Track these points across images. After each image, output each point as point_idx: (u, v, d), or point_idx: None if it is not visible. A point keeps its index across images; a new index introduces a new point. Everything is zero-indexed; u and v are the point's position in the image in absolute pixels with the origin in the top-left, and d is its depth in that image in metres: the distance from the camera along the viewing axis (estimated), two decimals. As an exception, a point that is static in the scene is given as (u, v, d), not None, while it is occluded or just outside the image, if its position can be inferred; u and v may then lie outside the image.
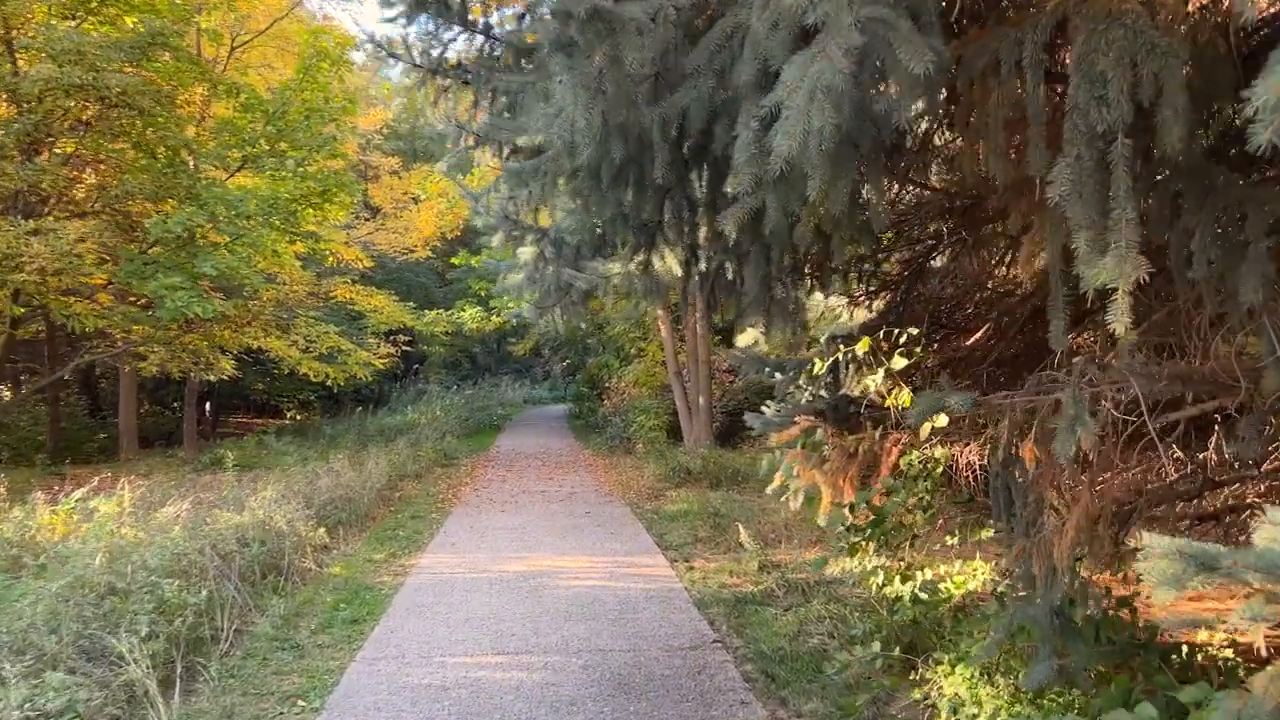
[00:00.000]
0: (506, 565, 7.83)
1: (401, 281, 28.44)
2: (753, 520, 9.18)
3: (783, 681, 4.83)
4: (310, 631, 6.06)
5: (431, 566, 7.87)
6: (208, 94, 14.81)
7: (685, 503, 11.01)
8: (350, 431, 21.32)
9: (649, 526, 9.74)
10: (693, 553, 8.33)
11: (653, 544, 8.77)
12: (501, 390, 38.61)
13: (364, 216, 27.36)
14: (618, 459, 17.39)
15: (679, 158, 2.63)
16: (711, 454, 13.32)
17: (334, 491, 10.04)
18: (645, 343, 20.86)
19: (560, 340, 32.49)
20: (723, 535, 8.81)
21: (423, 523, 10.26)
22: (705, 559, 8.05)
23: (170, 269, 11.68)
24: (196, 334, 13.45)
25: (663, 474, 13.21)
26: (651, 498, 11.95)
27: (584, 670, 5.12)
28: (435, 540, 9.12)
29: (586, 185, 2.89)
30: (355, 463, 12.72)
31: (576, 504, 11.58)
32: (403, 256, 27.15)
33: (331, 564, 7.98)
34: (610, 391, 22.53)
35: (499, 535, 9.32)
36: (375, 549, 8.70)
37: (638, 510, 10.94)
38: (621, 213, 3.11)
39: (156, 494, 9.73)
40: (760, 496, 11.35)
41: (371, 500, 10.70)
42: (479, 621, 6.12)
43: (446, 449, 17.75)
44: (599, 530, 9.58)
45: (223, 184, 12.88)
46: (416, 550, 8.65)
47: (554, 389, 44.69)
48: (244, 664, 5.38)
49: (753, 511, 10.06)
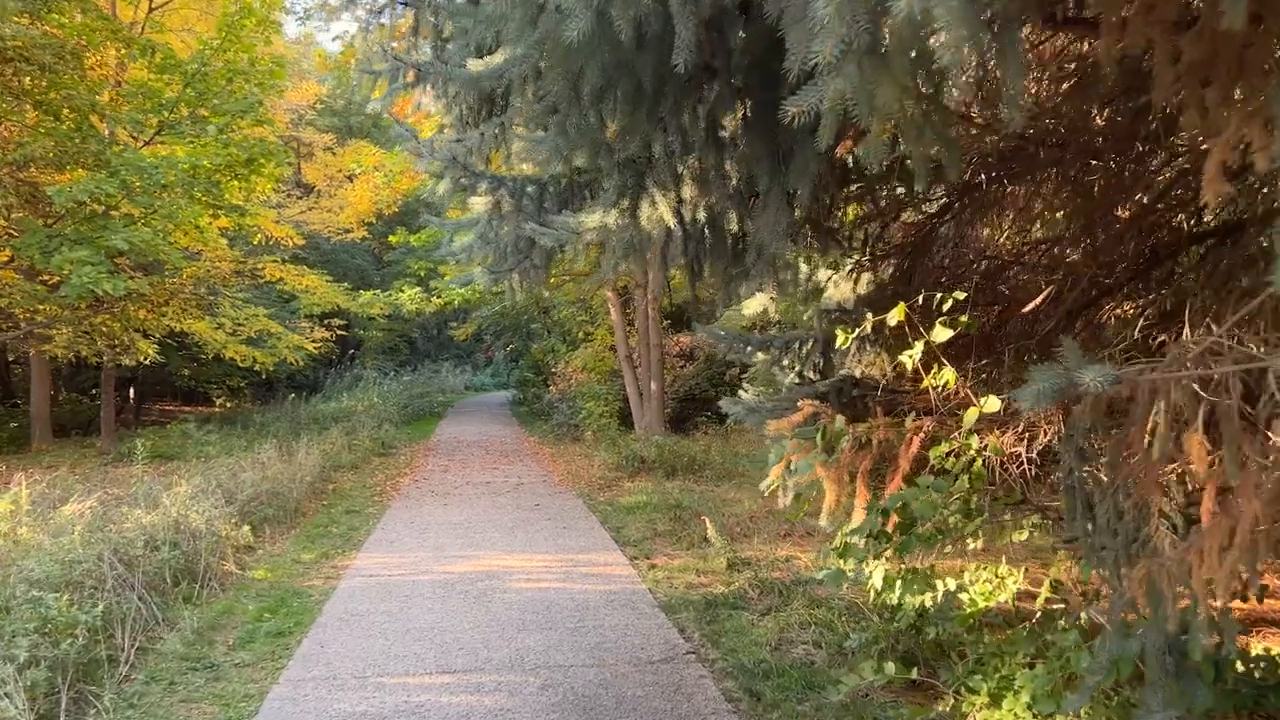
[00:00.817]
0: (451, 566, 7.14)
1: (337, 263, 27.22)
2: (716, 512, 8.63)
3: (770, 702, 4.26)
4: (228, 648, 5.31)
5: (368, 568, 7.14)
6: (121, 56, 13.66)
7: (642, 494, 10.41)
8: (282, 420, 20.27)
9: (604, 520, 9.12)
10: (653, 549, 7.73)
11: (610, 539, 8.15)
12: (442, 377, 37.61)
13: (296, 195, 26.12)
14: (565, 447, 16.74)
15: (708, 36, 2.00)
16: (666, 441, 12.73)
17: (260, 485, 9.21)
18: (593, 327, 20.20)
19: (503, 325, 31.64)
20: (684, 529, 8.23)
21: (358, 518, 9.49)
22: (667, 555, 7.46)
23: (77, 243, 10.63)
24: (108, 314, 12.36)
25: (615, 463, 12.59)
26: (604, 488, 11.33)
27: (543, 691, 4.49)
28: (372, 537, 8.37)
29: (563, 100, 2.25)
30: (285, 453, 11.86)
31: (525, 496, 10.91)
32: (338, 237, 25.97)
33: (255, 567, 7.20)
34: (556, 377, 21.82)
35: (442, 531, 8.61)
36: (305, 548, 7.92)
37: (591, 502, 10.31)
38: (605, 143, 2.48)
39: (60, 489, 8.81)
40: (719, 486, 10.85)
41: (302, 494, 9.88)
42: (421, 632, 5.45)
43: (384, 438, 16.88)
44: (550, 524, 8.93)
45: (136, 151, 11.81)
46: (351, 549, 7.90)
47: (496, 375, 43.78)
48: (146, 690, 4.62)
49: (714, 503, 9.52)
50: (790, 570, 6.64)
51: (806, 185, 2.40)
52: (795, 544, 7.68)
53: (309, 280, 17.05)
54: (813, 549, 7.34)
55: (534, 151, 2.64)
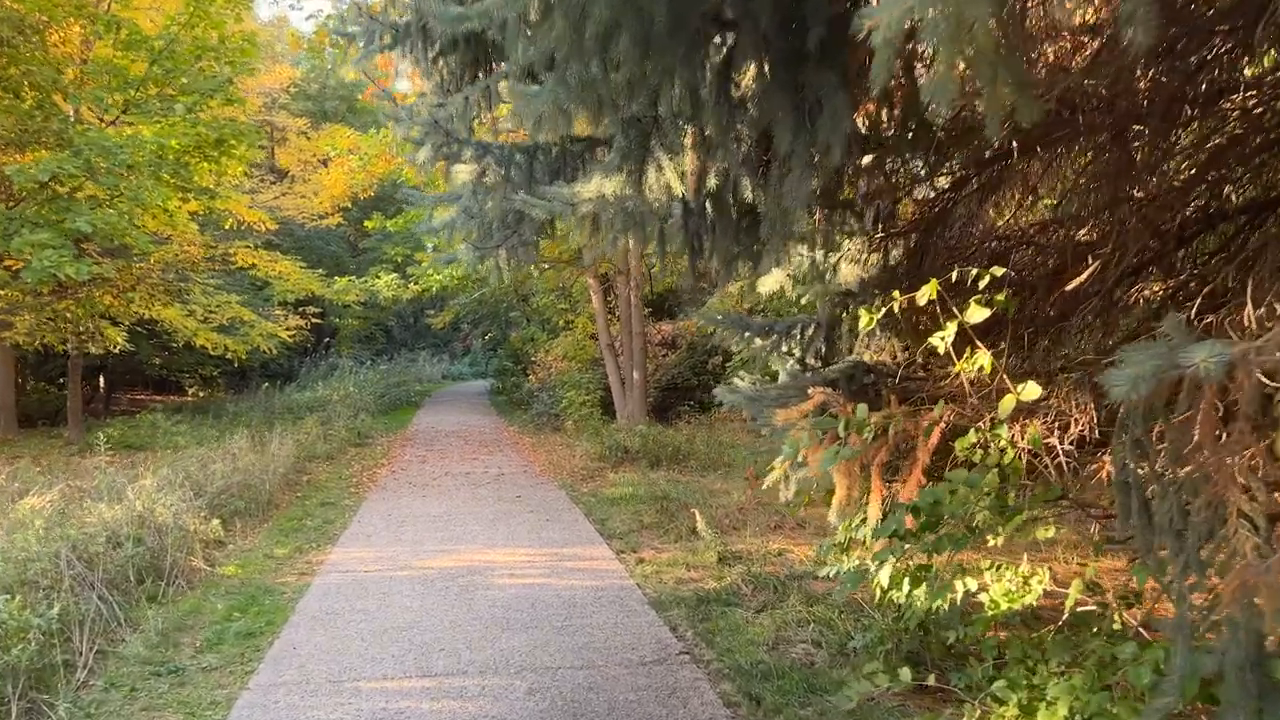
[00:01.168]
0: (430, 561, 6.86)
1: (311, 250, 26.70)
2: (703, 504, 8.41)
3: (771, 707, 4.03)
4: (194, 650, 5.01)
5: (343, 563, 6.85)
6: (86, 32, 13.16)
7: (626, 485, 10.16)
8: (255, 409, 19.85)
9: (588, 512, 8.87)
10: (640, 542, 7.49)
11: (595, 532, 7.90)
12: (419, 365, 37.15)
13: (270, 180, 25.58)
14: (546, 437, 16.47)
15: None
16: (650, 431, 12.52)
17: (231, 477, 8.88)
18: (574, 315, 19.89)
19: (481, 313, 31.24)
20: (671, 521, 7.99)
21: (334, 510, 9.18)
22: (655, 549, 7.22)
23: (38, 225, 10.20)
24: (72, 300, 11.91)
25: (598, 453, 12.34)
26: (587, 479, 11.08)
27: (530, 696, 4.23)
28: (348, 531, 8.07)
29: (563, 43, 1.97)
30: (258, 443, 11.49)
31: (506, 487, 10.64)
32: (312, 223, 25.47)
33: (225, 562, 6.89)
34: (536, 366, 21.51)
35: (421, 524, 8.33)
36: (278, 543, 7.62)
37: (574, 493, 10.06)
38: (609, 98, 2.21)
39: (20, 481, 8.44)
40: (705, 477, 10.64)
41: (275, 486, 9.55)
42: (399, 632, 5.17)
43: (360, 427, 16.53)
44: (533, 517, 8.67)
45: (101, 131, 11.36)
46: (326, 543, 7.60)
47: (474, 364, 43.35)
48: (104, 698, 4.32)
49: (701, 494, 9.29)
50: (784, 565, 6.42)
51: (839, 142, 2.14)
52: (787, 537, 7.46)
53: (282, 266, 16.59)
54: (805, 542, 7.13)
55: (529, 105, 2.35)
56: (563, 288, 22.23)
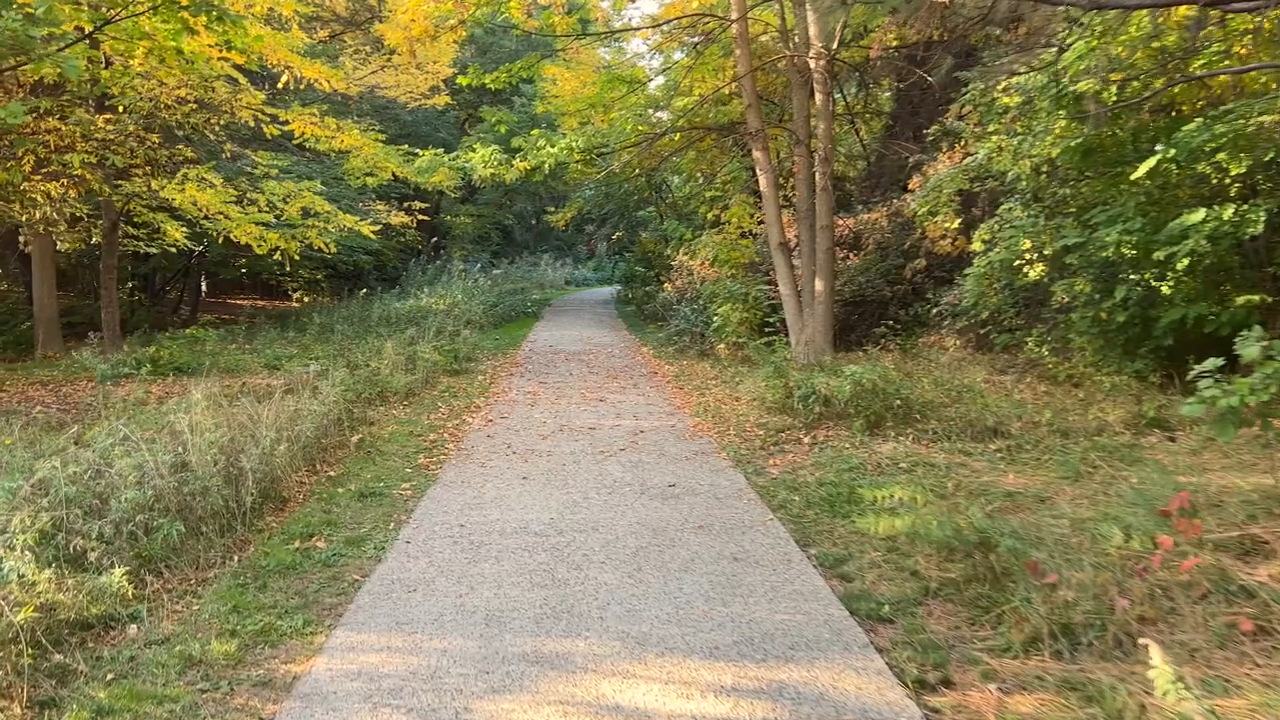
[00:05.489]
0: (522, 683, 3.16)
1: (417, 136, 23.16)
2: (1056, 544, 4.27)
3: None
4: None
5: (343, 676, 3.23)
6: None
7: (855, 468, 6.17)
8: (347, 321, 16.81)
9: (803, 538, 4.99)
10: (947, 649, 3.56)
11: (838, 607, 4.01)
12: (540, 270, 33.91)
13: (367, 51, 22.08)
14: (690, 364, 12.67)
15: None
16: (862, 372, 8.15)
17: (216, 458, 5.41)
18: (725, 208, 15.71)
19: (606, 210, 27.40)
20: (1001, 593, 3.95)
21: (374, 511, 5.64)
22: (992, 678, 3.27)
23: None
24: (43, 175, 8.61)
25: (778, 401, 8.41)
26: (772, 449, 7.19)
27: None
28: (377, 576, 4.48)
29: None
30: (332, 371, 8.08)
31: (648, 458, 6.89)
32: (415, 103, 21.93)
33: (103, 671, 3.39)
34: (674, 272, 17.57)
35: (509, 559, 4.66)
36: (225, 625, 4.10)
37: (761, 484, 6.18)
38: None
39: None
40: (978, 457, 6.44)
41: (284, 466, 5.98)
42: None
43: (459, 348, 13.07)
44: (705, 546, 4.87)
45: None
46: (322, 622, 4.03)
47: (600, 269, 39.90)
48: None
49: (1036, 511, 5.13)
50: None
51: None
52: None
53: (349, 138, 12.62)
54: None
55: None
56: (706, 175, 17.99)
